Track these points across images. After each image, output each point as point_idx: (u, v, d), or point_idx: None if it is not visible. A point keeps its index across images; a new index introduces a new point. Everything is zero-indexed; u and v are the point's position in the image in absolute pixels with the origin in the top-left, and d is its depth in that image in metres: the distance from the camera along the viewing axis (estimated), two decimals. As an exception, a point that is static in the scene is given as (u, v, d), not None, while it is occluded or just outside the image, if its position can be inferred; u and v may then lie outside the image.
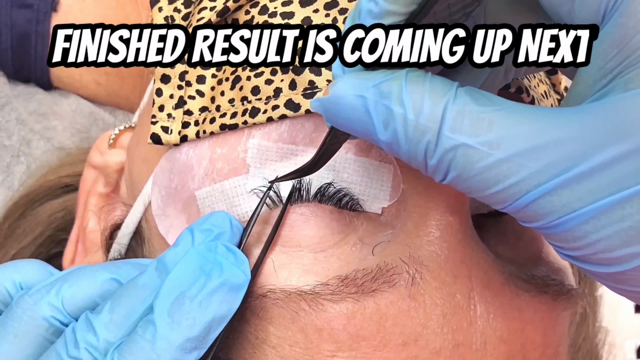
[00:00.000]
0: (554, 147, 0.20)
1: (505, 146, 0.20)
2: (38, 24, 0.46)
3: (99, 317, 0.26)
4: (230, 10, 0.31)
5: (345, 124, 0.23)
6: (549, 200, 0.20)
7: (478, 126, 0.21)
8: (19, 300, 0.27)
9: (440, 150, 0.21)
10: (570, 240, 0.21)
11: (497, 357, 0.28)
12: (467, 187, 0.22)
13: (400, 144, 0.22)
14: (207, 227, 0.27)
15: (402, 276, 0.27)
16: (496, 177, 0.21)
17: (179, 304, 0.25)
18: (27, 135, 0.47)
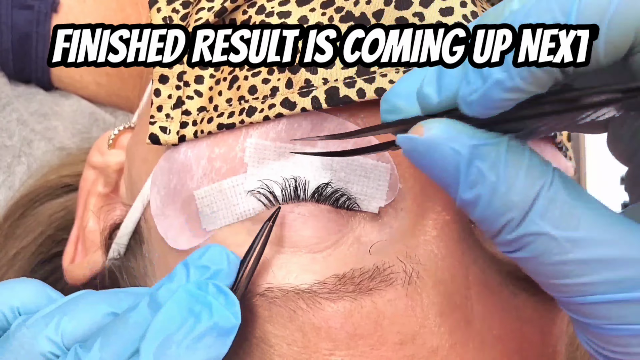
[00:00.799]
0: (631, 265, 0.21)
1: (587, 248, 0.21)
2: (39, 25, 0.47)
3: (89, 355, 0.25)
4: (227, 11, 0.31)
5: (426, 167, 0.22)
6: (609, 307, 0.21)
7: (567, 220, 0.21)
8: (16, 332, 0.26)
9: (521, 231, 0.21)
10: (610, 345, 0.22)
11: (495, 356, 0.28)
12: (532, 269, 0.22)
13: (479, 208, 0.22)
14: (203, 264, 0.27)
15: (399, 275, 0.27)
16: (568, 272, 0.21)
17: (165, 348, 0.24)
18: (28, 135, 0.47)
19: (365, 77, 0.28)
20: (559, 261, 0.21)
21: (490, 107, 0.21)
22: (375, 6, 0.29)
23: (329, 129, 0.29)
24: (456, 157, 0.21)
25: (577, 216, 0.21)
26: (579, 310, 0.22)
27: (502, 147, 0.21)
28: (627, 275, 0.21)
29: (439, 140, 0.22)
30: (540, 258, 0.21)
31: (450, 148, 0.21)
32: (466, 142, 0.21)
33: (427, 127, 0.22)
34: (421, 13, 0.28)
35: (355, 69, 0.28)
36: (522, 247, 0.22)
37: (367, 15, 0.29)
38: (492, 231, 0.22)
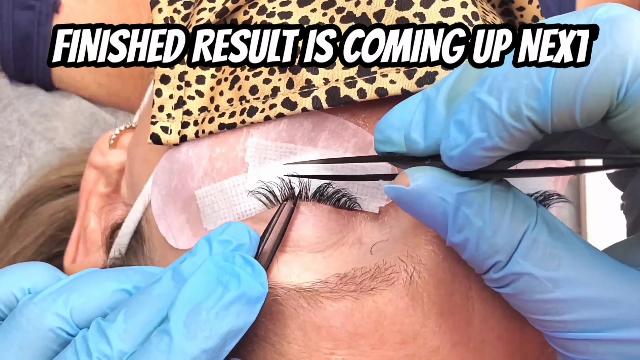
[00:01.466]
0: (609, 306, 0.22)
1: (567, 288, 0.22)
2: (40, 25, 0.47)
3: (113, 326, 0.25)
4: (229, 11, 0.31)
5: (415, 213, 0.24)
6: (586, 344, 0.22)
7: (548, 261, 0.22)
8: (23, 308, 0.25)
9: (506, 271, 0.23)
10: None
11: (496, 356, 0.28)
12: (516, 305, 0.24)
13: (467, 251, 0.23)
14: (225, 238, 0.27)
15: (401, 275, 0.27)
16: (548, 310, 0.22)
17: (195, 315, 0.24)
18: (29, 135, 0.47)
19: (366, 77, 0.28)
20: (540, 299, 0.22)
21: (470, 163, 0.22)
22: (376, 7, 0.29)
23: (330, 129, 0.29)
24: (443, 204, 0.23)
25: (559, 257, 0.22)
26: (560, 344, 0.23)
27: (487, 193, 0.22)
28: (602, 316, 0.22)
29: (424, 190, 0.23)
30: (523, 295, 0.23)
31: (437, 197, 0.23)
32: (451, 190, 0.22)
33: (412, 177, 0.23)
34: (422, 13, 0.28)
35: (356, 69, 0.28)
36: (506, 284, 0.23)
37: (368, 16, 0.29)
38: (480, 270, 0.24)
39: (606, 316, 0.22)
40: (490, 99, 0.21)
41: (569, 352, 0.23)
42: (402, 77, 0.28)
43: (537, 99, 0.20)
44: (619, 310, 0.22)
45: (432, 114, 0.23)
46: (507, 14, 0.35)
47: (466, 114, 0.21)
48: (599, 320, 0.22)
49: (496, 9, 0.35)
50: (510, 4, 0.35)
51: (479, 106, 0.21)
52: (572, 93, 0.19)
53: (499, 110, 0.20)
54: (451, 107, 0.23)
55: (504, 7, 0.35)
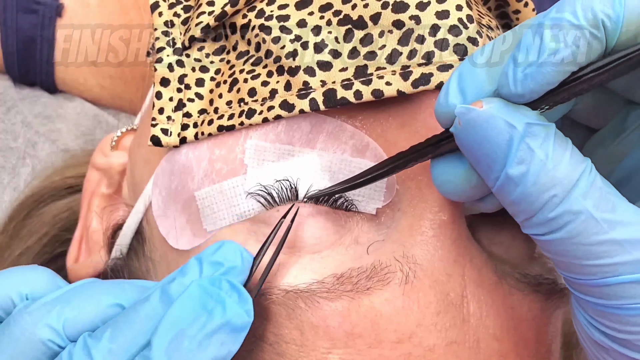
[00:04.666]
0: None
1: (622, 230, 0.22)
2: (43, 28, 0.47)
3: (99, 345, 0.25)
4: (228, 15, 0.31)
5: (478, 140, 0.23)
6: (635, 287, 0.22)
7: (604, 203, 0.22)
8: (18, 317, 0.25)
9: (563, 208, 0.22)
10: (627, 325, 0.23)
11: (490, 354, 0.28)
12: (564, 250, 0.23)
13: (522, 186, 0.22)
14: (216, 259, 0.26)
15: (397, 275, 0.27)
16: (602, 253, 0.22)
17: (177, 343, 0.24)
18: (33, 137, 0.47)
19: (362, 79, 0.28)
20: (596, 240, 0.22)
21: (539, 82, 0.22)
22: (372, 10, 0.29)
23: (327, 130, 0.29)
24: (510, 131, 0.22)
25: (612, 201, 0.22)
26: (599, 292, 0.23)
27: (552, 129, 0.22)
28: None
29: (497, 113, 0.23)
30: (577, 238, 0.22)
31: (506, 122, 0.22)
32: (522, 119, 0.22)
33: (486, 100, 0.23)
34: (417, 16, 0.28)
35: (352, 71, 0.29)
36: (560, 227, 0.22)
37: (364, 19, 0.29)
38: (531, 210, 0.23)
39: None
40: (565, 13, 0.21)
41: (607, 300, 0.23)
42: (397, 78, 0.28)
43: (611, 6, 0.21)
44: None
45: (470, 77, 0.24)
46: (502, 17, 0.36)
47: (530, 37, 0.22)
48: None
49: (492, 12, 0.36)
50: (506, 7, 0.35)
51: (552, 22, 0.22)
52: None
53: (576, 18, 0.21)
54: (491, 70, 0.23)
55: (500, 10, 0.36)
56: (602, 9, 0.21)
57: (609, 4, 0.21)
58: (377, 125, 0.29)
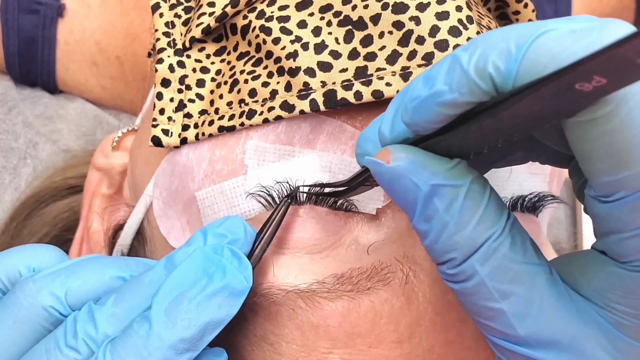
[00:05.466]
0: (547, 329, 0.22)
1: (511, 303, 0.22)
2: (44, 29, 0.47)
3: (102, 309, 0.25)
4: (228, 16, 0.31)
5: (389, 192, 0.23)
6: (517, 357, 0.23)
7: (503, 272, 0.22)
8: (22, 284, 0.26)
9: (460, 269, 0.23)
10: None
11: (490, 354, 0.28)
12: (462, 301, 0.24)
13: (428, 241, 0.23)
14: (221, 232, 0.27)
15: (397, 275, 0.28)
16: (491, 317, 0.23)
17: (177, 304, 0.24)
18: (34, 137, 0.47)
19: (363, 80, 0.28)
20: (485, 306, 0.23)
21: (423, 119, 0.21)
22: (372, 11, 0.29)
23: (327, 131, 0.29)
24: (416, 191, 0.22)
25: (513, 271, 0.22)
26: (496, 347, 0.24)
27: (462, 191, 0.22)
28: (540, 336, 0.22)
29: (403, 172, 0.22)
30: (470, 297, 0.23)
31: (412, 182, 0.22)
32: (428, 180, 0.22)
33: (394, 155, 0.23)
34: (417, 17, 0.28)
35: (352, 71, 0.29)
36: (457, 281, 0.23)
37: (364, 20, 0.29)
38: (437, 261, 0.24)
39: (540, 337, 0.22)
40: (464, 54, 0.20)
41: (501, 356, 0.24)
42: (397, 79, 0.28)
43: (506, 62, 0.20)
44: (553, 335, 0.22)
45: (413, 91, 0.23)
46: (502, 17, 0.36)
47: (436, 68, 0.21)
48: (534, 339, 0.22)
49: (492, 13, 0.36)
50: (505, 8, 0.35)
51: (451, 60, 0.21)
52: (542, 67, 0.19)
53: (467, 65, 0.20)
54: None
55: (499, 10, 0.36)
56: (494, 61, 0.20)
57: (504, 57, 0.20)
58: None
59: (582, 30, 0.19)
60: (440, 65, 0.21)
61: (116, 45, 0.49)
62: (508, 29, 0.20)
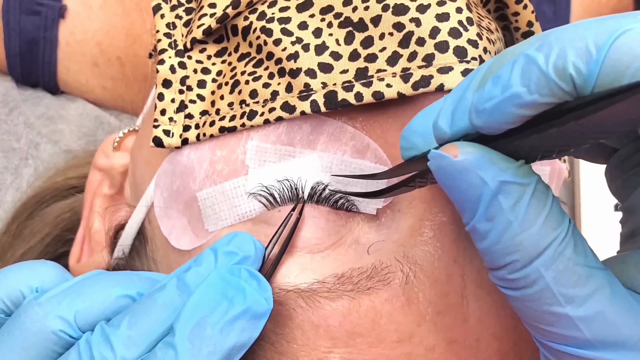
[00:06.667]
0: (611, 330, 0.22)
1: (576, 307, 0.22)
2: (46, 30, 0.47)
3: (117, 332, 0.25)
4: (229, 17, 0.32)
5: (450, 187, 0.22)
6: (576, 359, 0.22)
7: (568, 276, 0.21)
8: (28, 309, 0.25)
9: (523, 274, 0.22)
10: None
11: (490, 354, 0.28)
12: (519, 307, 0.23)
13: (487, 241, 0.22)
14: (231, 249, 0.27)
15: (397, 275, 0.28)
16: (553, 322, 0.22)
17: (200, 330, 0.24)
18: (35, 138, 0.48)
19: (363, 81, 0.29)
20: (548, 311, 0.22)
21: (498, 120, 0.21)
22: (373, 12, 0.29)
23: (328, 132, 0.29)
24: (482, 187, 0.21)
25: (577, 275, 0.22)
26: (553, 353, 0.23)
27: (529, 190, 0.21)
28: (604, 338, 0.22)
29: (470, 166, 0.21)
30: (531, 303, 0.22)
31: (479, 177, 0.21)
32: (496, 175, 0.21)
33: (462, 149, 0.22)
34: (418, 19, 0.29)
35: (353, 73, 0.29)
36: (517, 287, 0.22)
37: (365, 21, 0.29)
38: (493, 265, 0.23)
39: (605, 339, 0.22)
40: (539, 54, 0.20)
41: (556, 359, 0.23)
42: (398, 80, 0.28)
43: (586, 63, 0.19)
44: (619, 335, 0.22)
45: (461, 101, 0.22)
46: (502, 19, 0.36)
47: (507, 68, 0.20)
48: (600, 341, 0.22)
49: (491, 14, 0.36)
50: (505, 9, 0.35)
51: (525, 61, 0.20)
52: (624, 68, 0.18)
53: (545, 66, 0.19)
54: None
55: (499, 12, 0.36)
56: (574, 62, 0.19)
57: (584, 58, 0.19)
58: (377, 126, 0.29)
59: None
60: (511, 66, 0.20)
61: (117, 46, 0.49)
62: (582, 26, 0.20)
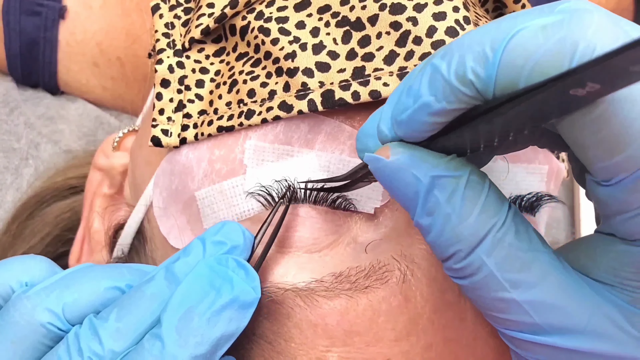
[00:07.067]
0: (559, 314, 0.22)
1: (523, 291, 0.22)
2: (46, 31, 0.47)
3: (105, 325, 0.25)
4: (227, 17, 0.32)
5: (389, 187, 0.23)
6: (532, 346, 0.23)
7: (511, 262, 0.22)
8: (16, 302, 0.25)
9: (466, 262, 0.22)
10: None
11: (487, 352, 0.28)
12: (472, 297, 0.24)
13: (431, 235, 0.23)
14: (219, 239, 0.27)
15: (394, 273, 0.28)
16: (503, 309, 0.23)
17: (187, 320, 0.24)
18: (35, 138, 0.48)
19: (360, 80, 0.29)
20: (496, 297, 0.22)
21: (417, 130, 0.22)
22: (370, 11, 0.29)
23: (326, 131, 0.29)
24: (416, 184, 0.22)
25: (520, 259, 0.22)
26: (509, 339, 0.24)
27: (462, 181, 0.22)
28: (553, 322, 0.22)
29: (402, 165, 0.22)
30: (479, 291, 0.23)
31: (411, 174, 0.22)
32: (427, 172, 0.22)
33: (393, 150, 0.23)
34: (415, 18, 0.29)
35: (350, 72, 0.29)
36: (465, 276, 0.23)
37: (362, 20, 0.29)
38: (440, 257, 0.23)
39: (555, 323, 0.22)
40: (442, 62, 0.20)
41: (517, 349, 0.24)
42: (395, 79, 0.28)
43: (484, 67, 0.20)
44: (568, 319, 0.22)
45: (399, 104, 0.23)
46: (500, 18, 0.36)
47: (418, 78, 0.21)
48: (549, 325, 0.22)
49: (490, 14, 0.36)
50: (503, 9, 0.35)
51: (431, 70, 0.21)
52: (519, 68, 0.19)
53: (448, 74, 0.20)
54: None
55: (497, 12, 0.36)
56: (472, 67, 0.20)
57: (482, 62, 0.20)
58: None
59: (552, 25, 0.19)
60: (421, 75, 0.21)
61: (117, 46, 0.49)
62: (480, 31, 0.20)
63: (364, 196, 0.29)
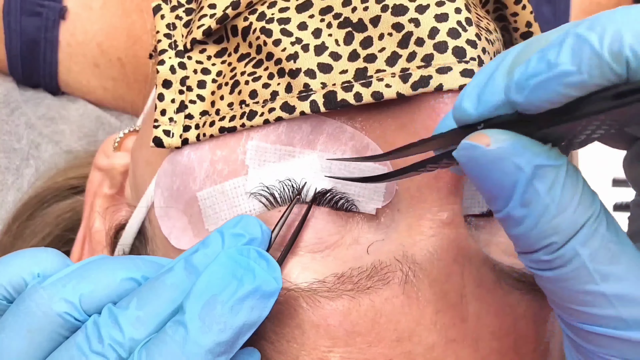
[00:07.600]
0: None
1: (613, 284, 0.21)
2: (47, 31, 0.48)
3: (125, 313, 0.25)
4: (229, 17, 0.32)
5: (480, 177, 0.22)
6: (612, 341, 0.22)
7: (603, 253, 0.21)
8: (33, 292, 0.25)
9: (559, 254, 0.21)
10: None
11: (490, 352, 0.28)
12: (552, 289, 0.23)
13: (523, 227, 0.22)
14: (237, 231, 0.27)
15: (396, 274, 0.28)
16: (589, 302, 0.22)
17: (210, 308, 0.24)
18: (36, 138, 0.48)
19: (362, 82, 0.29)
20: (583, 290, 0.22)
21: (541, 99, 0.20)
22: (372, 13, 0.29)
23: (327, 132, 0.29)
24: (517, 173, 0.21)
25: (612, 252, 0.21)
26: (582, 334, 0.23)
27: (562, 171, 0.21)
28: (636, 316, 0.21)
29: (504, 154, 0.21)
30: (566, 282, 0.22)
31: (514, 164, 0.21)
32: (531, 160, 0.21)
33: (494, 137, 0.21)
34: (417, 19, 0.29)
35: (352, 73, 0.29)
36: (552, 267, 0.22)
37: (364, 22, 0.30)
38: (528, 249, 0.22)
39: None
40: (592, 34, 0.19)
41: (588, 344, 0.23)
42: (397, 81, 0.28)
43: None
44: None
45: (487, 85, 0.22)
46: (501, 19, 0.36)
47: (555, 47, 0.20)
48: (634, 320, 0.21)
49: (490, 15, 0.36)
50: (504, 10, 0.35)
51: (575, 40, 0.19)
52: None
53: (600, 46, 0.19)
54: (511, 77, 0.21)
55: (498, 12, 0.36)
56: (631, 44, 0.18)
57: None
58: (376, 126, 0.29)
59: None
60: (560, 44, 0.20)
61: (118, 47, 0.49)
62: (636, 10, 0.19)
63: (366, 197, 0.29)
